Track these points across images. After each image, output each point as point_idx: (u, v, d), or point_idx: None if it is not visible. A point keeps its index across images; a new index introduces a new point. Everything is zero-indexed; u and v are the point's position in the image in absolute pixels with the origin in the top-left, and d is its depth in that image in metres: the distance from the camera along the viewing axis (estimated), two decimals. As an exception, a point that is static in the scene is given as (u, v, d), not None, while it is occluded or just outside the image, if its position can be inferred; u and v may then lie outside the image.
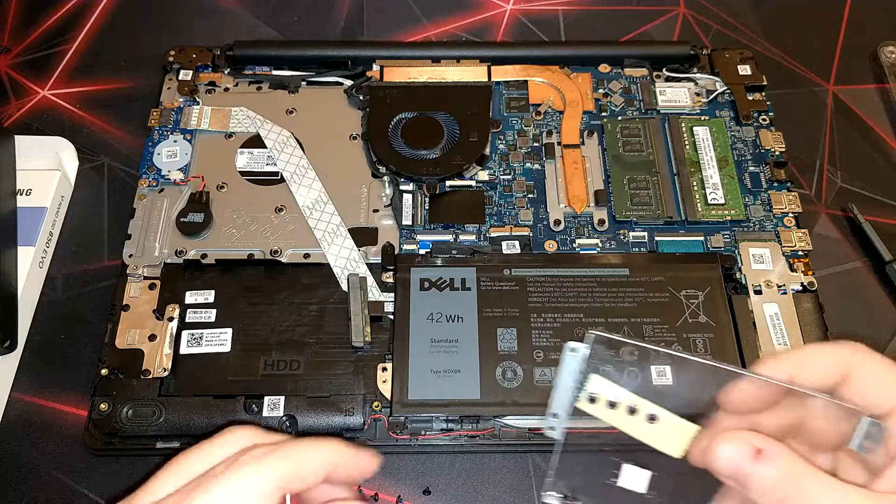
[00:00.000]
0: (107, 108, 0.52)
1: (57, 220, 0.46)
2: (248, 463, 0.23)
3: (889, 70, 0.53)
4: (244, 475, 0.23)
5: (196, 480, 0.23)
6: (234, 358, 0.41)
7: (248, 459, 0.23)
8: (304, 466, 0.24)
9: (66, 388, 0.41)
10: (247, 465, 0.23)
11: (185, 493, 0.23)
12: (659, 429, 0.25)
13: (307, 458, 0.24)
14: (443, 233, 0.45)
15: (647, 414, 0.25)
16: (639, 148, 0.48)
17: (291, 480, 0.23)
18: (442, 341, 0.40)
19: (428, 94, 0.50)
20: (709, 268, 0.43)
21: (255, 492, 0.22)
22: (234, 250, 0.44)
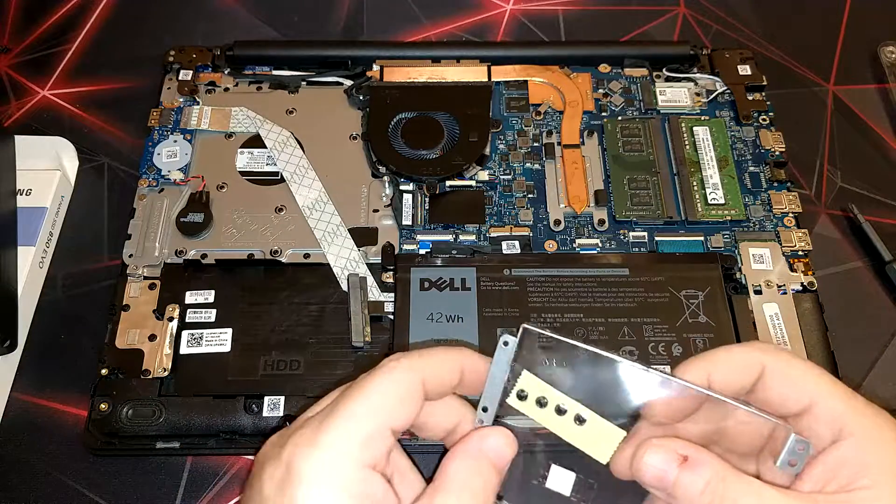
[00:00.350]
0: (107, 108, 0.52)
1: (57, 220, 0.47)
2: (387, 364, 0.25)
3: (889, 70, 0.53)
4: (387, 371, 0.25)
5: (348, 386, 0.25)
6: (234, 358, 0.41)
7: (387, 362, 0.25)
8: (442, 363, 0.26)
9: (66, 388, 0.41)
10: (389, 363, 0.25)
11: (337, 400, 0.25)
12: (587, 431, 0.25)
13: (446, 356, 0.26)
14: (443, 233, 0.45)
15: (576, 415, 0.25)
16: (639, 148, 0.48)
17: (432, 373, 0.25)
18: (442, 341, 0.40)
19: (428, 94, 0.50)
20: (709, 268, 0.43)
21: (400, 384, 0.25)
22: (234, 250, 0.44)
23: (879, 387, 0.42)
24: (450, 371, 0.26)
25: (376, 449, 0.24)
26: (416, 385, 0.25)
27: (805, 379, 0.24)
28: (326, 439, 0.23)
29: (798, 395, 0.24)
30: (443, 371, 0.26)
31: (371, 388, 0.24)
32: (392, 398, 0.24)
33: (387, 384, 0.24)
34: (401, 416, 0.24)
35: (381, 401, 0.24)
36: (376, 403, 0.24)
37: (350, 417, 0.24)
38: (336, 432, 0.23)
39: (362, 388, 0.24)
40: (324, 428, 0.23)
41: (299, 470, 0.23)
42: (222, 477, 0.39)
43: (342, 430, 0.23)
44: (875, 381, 0.42)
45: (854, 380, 0.42)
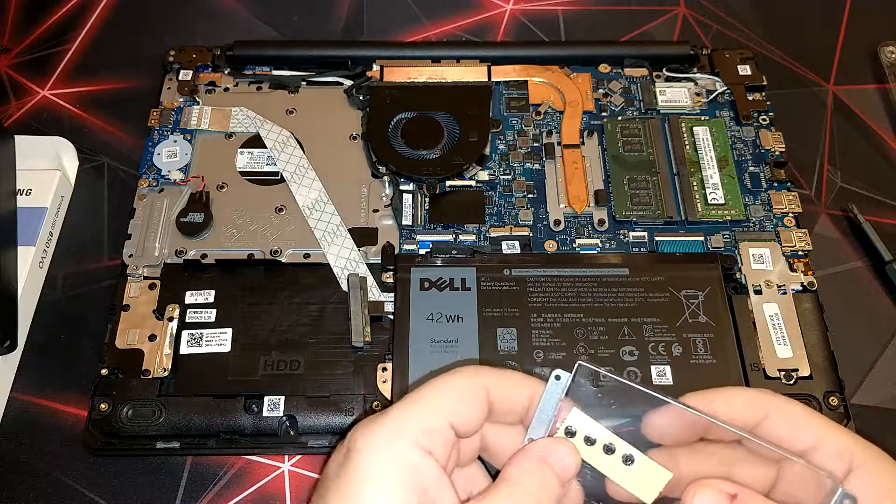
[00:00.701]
0: (107, 108, 0.52)
1: (57, 220, 0.47)
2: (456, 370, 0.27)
3: (889, 70, 0.53)
4: (454, 372, 0.26)
5: None
6: (234, 358, 0.41)
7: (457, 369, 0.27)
8: (514, 385, 0.27)
9: (66, 388, 0.41)
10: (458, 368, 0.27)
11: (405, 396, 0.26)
12: (634, 471, 0.25)
13: (519, 381, 0.27)
14: (443, 233, 0.45)
15: (624, 454, 0.25)
16: (639, 148, 0.48)
17: (499, 387, 0.26)
18: (442, 341, 0.40)
19: (428, 94, 0.50)
20: (709, 268, 0.43)
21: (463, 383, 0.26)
22: (234, 250, 0.44)
23: (879, 387, 0.42)
24: (518, 393, 0.27)
25: (434, 437, 0.25)
26: (479, 389, 0.26)
27: (809, 420, 0.26)
28: (387, 421, 0.25)
29: (804, 435, 0.25)
30: (510, 390, 0.27)
31: (435, 383, 0.26)
32: (454, 394, 0.26)
33: (451, 382, 0.26)
34: (461, 414, 0.25)
35: (442, 395, 0.26)
36: (437, 396, 0.26)
37: (411, 404, 0.25)
38: (396, 415, 0.25)
39: (428, 384, 0.26)
40: (387, 413, 0.25)
41: (357, 445, 0.24)
42: (222, 477, 0.39)
43: (402, 414, 0.25)
44: (875, 381, 0.42)
45: (854, 380, 0.42)
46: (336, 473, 0.24)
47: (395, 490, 0.23)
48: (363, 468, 0.24)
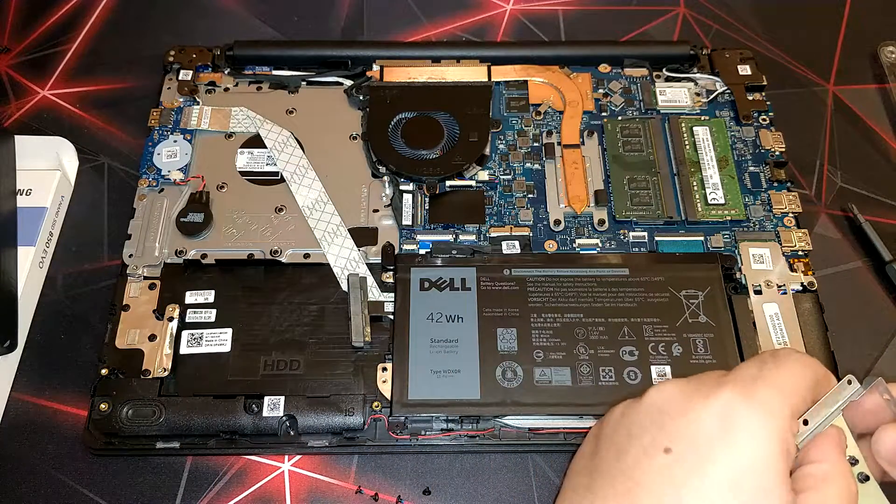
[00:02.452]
0: (107, 108, 0.52)
1: (57, 220, 0.47)
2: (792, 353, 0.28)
3: (889, 70, 0.53)
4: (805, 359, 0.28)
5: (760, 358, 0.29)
6: (234, 358, 0.41)
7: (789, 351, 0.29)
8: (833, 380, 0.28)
9: (66, 388, 0.41)
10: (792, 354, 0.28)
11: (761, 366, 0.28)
12: (864, 491, 0.27)
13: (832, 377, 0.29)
14: (443, 233, 0.45)
15: (861, 472, 0.27)
16: (639, 148, 0.48)
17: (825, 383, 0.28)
18: (442, 341, 0.40)
19: (428, 94, 0.50)
20: (709, 268, 0.43)
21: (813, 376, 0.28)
22: (234, 250, 0.44)
23: (879, 387, 0.42)
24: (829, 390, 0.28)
25: (794, 422, 0.27)
26: (819, 378, 0.28)
27: None
28: (761, 397, 0.26)
29: None
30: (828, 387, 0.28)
31: (795, 367, 0.28)
32: (807, 385, 0.27)
33: (805, 370, 0.28)
34: (805, 405, 0.27)
35: (802, 383, 0.27)
36: (800, 384, 0.27)
37: (782, 386, 0.27)
38: (770, 393, 0.27)
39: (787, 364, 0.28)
40: (759, 386, 0.27)
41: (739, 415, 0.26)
42: (222, 477, 0.39)
43: (776, 393, 0.27)
44: (875, 381, 0.42)
45: (854, 380, 0.42)
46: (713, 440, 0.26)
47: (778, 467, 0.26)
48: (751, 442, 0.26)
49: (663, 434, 0.27)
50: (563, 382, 0.39)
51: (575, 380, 0.39)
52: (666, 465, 0.27)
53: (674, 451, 0.27)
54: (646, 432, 0.28)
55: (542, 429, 0.39)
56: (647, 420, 0.29)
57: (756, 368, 0.28)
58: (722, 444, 0.26)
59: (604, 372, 0.39)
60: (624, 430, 0.29)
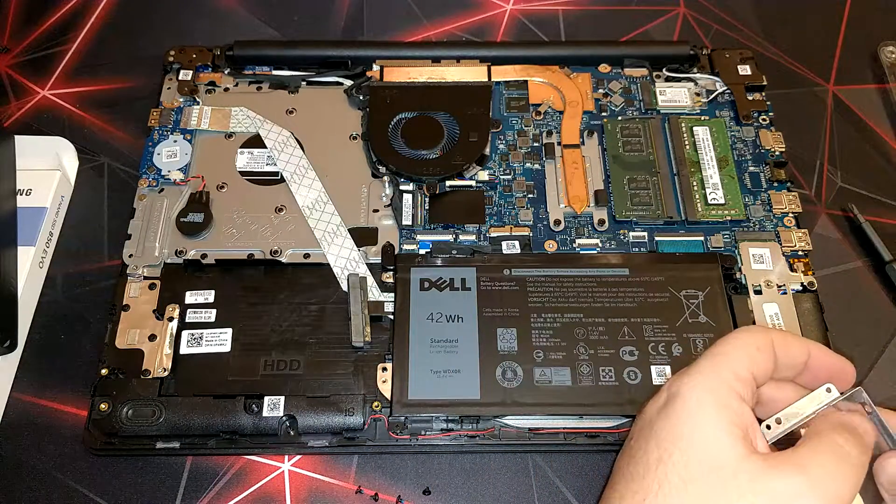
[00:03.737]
0: (107, 108, 0.52)
1: (57, 220, 0.47)
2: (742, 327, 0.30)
3: (889, 70, 0.53)
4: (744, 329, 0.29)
5: None
6: (234, 358, 0.41)
7: (742, 327, 0.30)
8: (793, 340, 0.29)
9: (66, 388, 0.41)
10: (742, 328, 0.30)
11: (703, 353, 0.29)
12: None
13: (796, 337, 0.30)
14: (443, 233, 0.45)
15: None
16: (639, 148, 0.48)
17: (781, 342, 0.29)
18: (442, 341, 0.40)
19: (428, 94, 0.50)
20: (709, 268, 0.43)
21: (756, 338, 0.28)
22: (234, 250, 0.44)
23: (879, 387, 0.42)
24: (798, 350, 0.29)
25: (745, 385, 0.27)
26: (769, 343, 0.28)
27: None
28: (699, 368, 0.28)
29: None
30: (792, 347, 0.29)
31: (733, 337, 0.28)
32: (751, 346, 0.28)
33: (745, 336, 0.28)
34: (760, 365, 0.28)
35: (744, 346, 0.28)
36: (739, 347, 0.28)
37: (718, 355, 0.28)
38: (708, 363, 0.28)
39: (725, 338, 0.29)
40: (695, 364, 0.28)
41: (681, 391, 0.27)
42: (222, 477, 0.39)
43: (714, 363, 0.28)
44: (875, 382, 0.42)
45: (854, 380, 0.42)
46: (657, 415, 0.28)
47: (723, 427, 0.26)
48: (689, 409, 0.27)
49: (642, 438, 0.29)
50: (563, 382, 0.39)
51: (575, 380, 0.39)
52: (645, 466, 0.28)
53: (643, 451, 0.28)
54: (633, 436, 0.30)
55: (542, 429, 0.39)
56: (638, 423, 0.30)
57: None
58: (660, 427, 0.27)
59: (604, 372, 0.39)
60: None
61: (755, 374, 0.28)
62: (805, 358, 0.29)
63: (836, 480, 0.25)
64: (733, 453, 0.26)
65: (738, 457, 0.25)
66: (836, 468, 0.25)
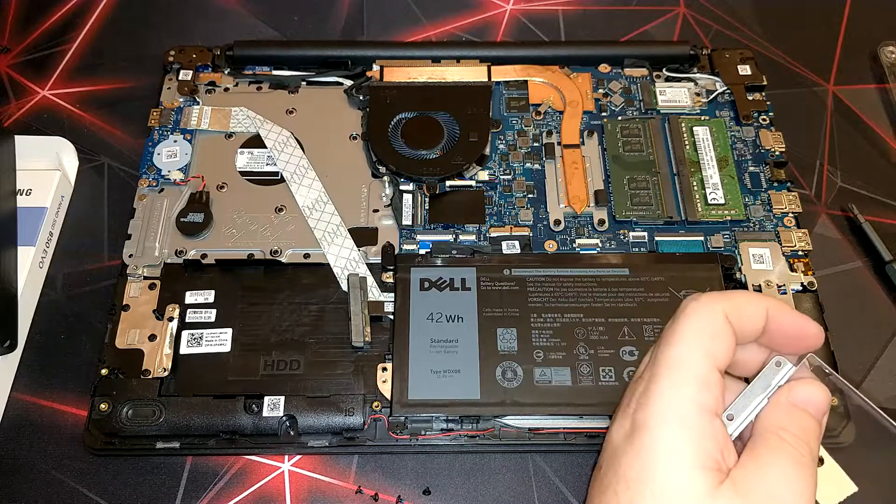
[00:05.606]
0: (107, 108, 0.52)
1: (57, 220, 0.46)
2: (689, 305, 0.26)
3: (889, 70, 0.53)
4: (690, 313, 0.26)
5: (658, 341, 0.27)
6: (234, 358, 0.41)
7: (686, 304, 0.27)
8: (746, 303, 0.26)
9: (66, 388, 0.41)
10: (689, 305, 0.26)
11: (653, 356, 0.26)
12: (821, 473, 0.25)
13: (749, 298, 0.27)
14: (443, 233, 0.45)
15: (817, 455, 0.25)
16: (639, 148, 0.48)
17: (734, 311, 0.26)
18: (442, 341, 0.40)
19: (428, 94, 0.50)
20: (709, 268, 0.43)
21: (706, 320, 0.26)
22: (234, 250, 0.44)
23: (879, 387, 0.42)
24: (754, 312, 0.26)
25: (712, 390, 0.25)
26: (721, 318, 0.26)
27: None
28: (661, 390, 0.25)
29: None
30: (746, 310, 0.26)
31: (682, 332, 0.26)
32: (708, 334, 0.25)
33: (694, 324, 0.26)
34: (720, 352, 0.26)
35: (699, 339, 0.25)
36: (694, 343, 0.25)
37: (675, 363, 0.25)
38: (668, 381, 0.25)
39: (675, 334, 0.26)
40: (655, 380, 0.25)
41: (643, 421, 0.25)
42: (222, 477, 0.39)
43: (673, 378, 0.25)
44: (875, 381, 0.42)
45: (854, 380, 0.42)
46: (624, 445, 0.25)
47: (696, 466, 0.24)
48: (658, 448, 0.24)
49: (603, 450, 0.28)
50: (563, 382, 0.39)
51: (575, 380, 0.39)
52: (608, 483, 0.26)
53: None
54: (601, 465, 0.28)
55: (542, 429, 0.39)
56: (606, 451, 0.28)
57: (653, 361, 0.27)
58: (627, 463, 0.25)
59: (604, 372, 0.39)
60: None
61: (719, 366, 0.26)
62: (762, 323, 0.27)
63: (801, 488, 0.24)
64: (707, 492, 0.24)
65: (712, 495, 0.24)
66: (798, 478, 0.24)
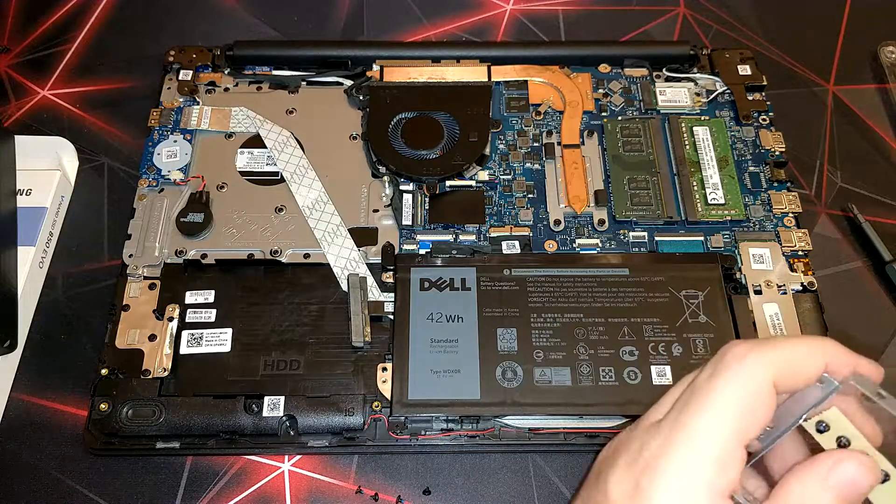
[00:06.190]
0: (107, 108, 0.52)
1: (57, 220, 0.46)
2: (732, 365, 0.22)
3: (889, 70, 0.53)
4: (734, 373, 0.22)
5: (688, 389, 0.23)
6: (234, 358, 0.41)
7: (731, 360, 0.22)
8: (803, 360, 0.22)
9: (66, 388, 0.41)
10: (734, 358, 0.22)
11: (679, 406, 0.22)
12: (888, 489, 0.22)
13: (807, 351, 0.22)
14: (443, 233, 0.45)
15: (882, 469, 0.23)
16: (639, 148, 0.48)
17: (786, 373, 0.22)
18: (442, 341, 0.40)
19: (428, 94, 0.50)
20: (709, 268, 0.43)
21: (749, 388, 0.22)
22: (234, 250, 0.44)
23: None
24: (812, 366, 0.23)
25: (730, 472, 0.22)
26: (769, 387, 0.22)
27: None
28: (676, 462, 0.22)
29: None
30: (802, 366, 0.22)
31: (717, 396, 0.22)
32: (743, 409, 0.22)
33: (734, 389, 0.22)
34: (753, 428, 0.22)
35: (732, 413, 0.22)
36: (726, 417, 0.22)
37: (699, 435, 0.22)
38: (685, 452, 0.22)
39: (707, 396, 0.22)
40: (672, 445, 0.22)
41: (647, 491, 0.22)
42: (222, 477, 0.39)
43: (692, 451, 0.22)
44: (875, 381, 0.42)
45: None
46: None
47: None
48: None
49: (597, 492, 0.25)
50: (563, 382, 0.39)
51: (575, 380, 0.39)
52: None
53: None
54: (589, 485, 0.26)
55: (542, 429, 0.39)
56: (595, 470, 0.26)
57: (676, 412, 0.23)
58: None
59: (604, 372, 0.39)
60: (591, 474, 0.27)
61: (747, 441, 0.22)
62: (818, 376, 0.23)
63: None
64: None
65: None
66: None
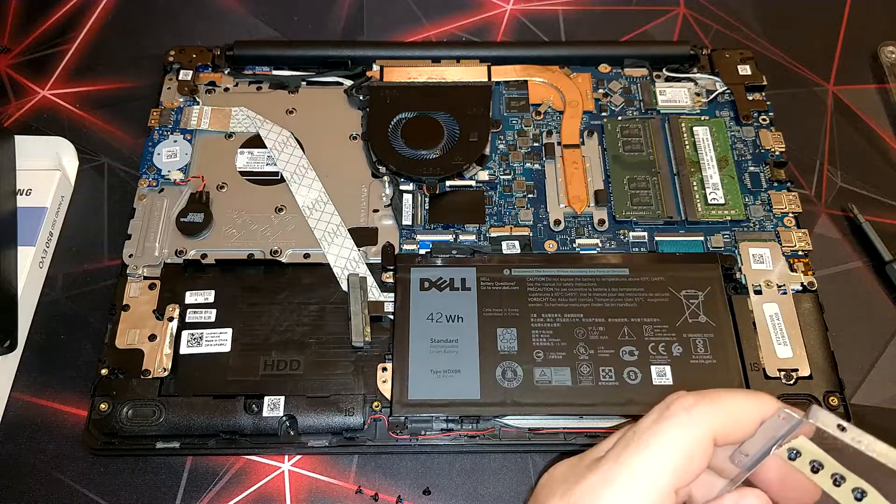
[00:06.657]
0: (107, 108, 0.52)
1: (57, 220, 0.47)
2: (678, 413, 0.23)
3: (889, 70, 0.53)
4: (678, 424, 0.23)
5: (632, 431, 0.24)
6: (234, 358, 0.41)
7: (677, 409, 0.23)
8: (741, 417, 0.23)
9: (66, 388, 0.41)
10: (681, 410, 0.23)
11: (622, 445, 0.23)
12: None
13: (742, 405, 0.23)
14: (443, 233, 0.45)
15: (856, 487, 0.23)
16: (639, 148, 0.48)
17: (726, 429, 0.23)
18: (442, 341, 0.40)
19: (428, 94, 0.50)
20: (709, 268, 0.43)
21: (690, 440, 0.23)
22: (234, 250, 0.44)
23: (879, 387, 0.42)
24: (747, 423, 0.23)
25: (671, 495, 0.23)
26: (708, 441, 0.23)
27: None
28: (612, 497, 0.22)
29: None
30: (740, 423, 0.23)
31: (660, 439, 0.23)
32: (683, 455, 0.23)
33: (677, 435, 0.23)
34: (688, 477, 0.23)
35: (670, 458, 0.23)
36: (665, 461, 0.23)
37: (636, 476, 0.23)
38: (622, 489, 0.23)
39: (649, 439, 0.23)
40: (609, 481, 0.23)
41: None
42: (222, 477, 0.39)
43: (628, 488, 0.23)
44: (875, 381, 0.42)
45: (854, 380, 0.42)
46: None
47: None
48: None
49: None
50: (563, 382, 0.39)
51: (575, 380, 0.39)
52: None
53: None
54: None
55: (542, 429, 0.39)
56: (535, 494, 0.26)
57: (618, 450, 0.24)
58: None
59: (604, 372, 0.39)
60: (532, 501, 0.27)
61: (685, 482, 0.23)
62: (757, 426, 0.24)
63: None
64: None
65: None
66: None
